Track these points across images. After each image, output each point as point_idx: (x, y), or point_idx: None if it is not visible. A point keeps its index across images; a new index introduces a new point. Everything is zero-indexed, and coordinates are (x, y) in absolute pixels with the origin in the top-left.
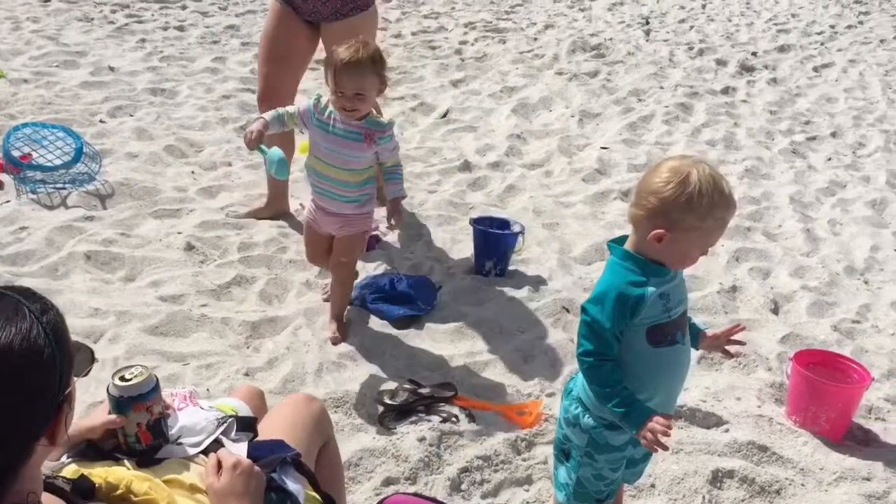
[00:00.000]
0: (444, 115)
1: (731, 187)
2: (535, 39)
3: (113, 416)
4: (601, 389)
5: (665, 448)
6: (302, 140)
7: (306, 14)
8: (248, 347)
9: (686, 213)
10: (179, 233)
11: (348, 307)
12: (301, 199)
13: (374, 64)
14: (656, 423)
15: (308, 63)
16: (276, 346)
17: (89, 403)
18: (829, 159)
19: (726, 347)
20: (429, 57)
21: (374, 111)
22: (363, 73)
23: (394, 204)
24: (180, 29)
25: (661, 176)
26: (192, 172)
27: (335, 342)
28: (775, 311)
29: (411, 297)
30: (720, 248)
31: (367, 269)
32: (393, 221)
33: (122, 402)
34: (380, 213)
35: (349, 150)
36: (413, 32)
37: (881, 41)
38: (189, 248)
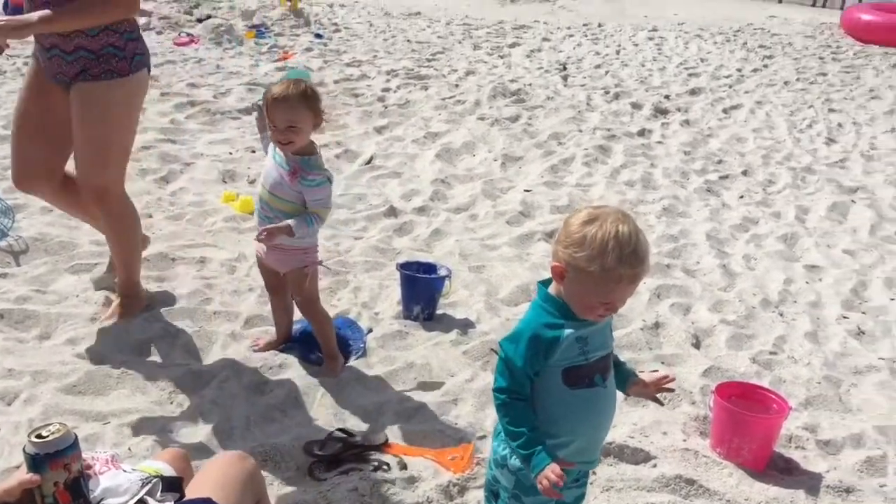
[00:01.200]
0: (369, 162)
1: (644, 250)
2: (457, 86)
3: (29, 476)
4: (509, 428)
5: (558, 496)
6: (243, 196)
7: (51, 75)
8: (171, 403)
9: (579, 249)
10: (100, 290)
11: (281, 353)
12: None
13: (305, 98)
14: (551, 471)
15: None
16: (202, 400)
17: (2, 469)
18: (742, 197)
19: (656, 395)
20: (352, 104)
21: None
22: (294, 107)
23: (281, 225)
24: None
25: (577, 216)
26: None
27: (335, 375)
28: (697, 345)
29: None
30: (642, 285)
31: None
32: (265, 232)
33: (38, 460)
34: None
35: (278, 175)
36: (335, 80)
37: (785, 83)
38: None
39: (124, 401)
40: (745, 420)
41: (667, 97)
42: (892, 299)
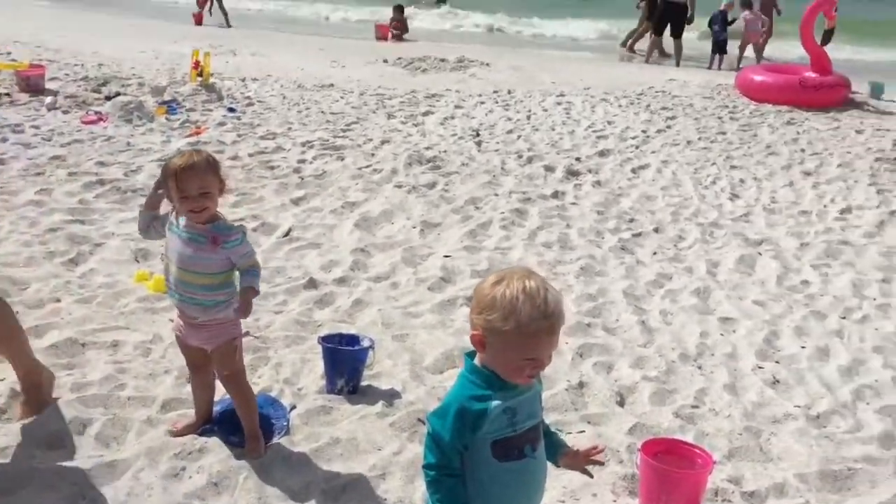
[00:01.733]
0: (287, 234)
1: (555, 300)
2: (373, 155)
3: None
4: None
5: None
6: (157, 275)
7: None
8: (84, 499)
9: (492, 312)
10: (3, 379)
11: (200, 437)
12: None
13: (209, 164)
14: None
15: None
16: (116, 493)
17: None
18: (655, 253)
19: (586, 467)
20: (268, 177)
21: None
22: (201, 173)
23: (245, 294)
24: (0, 162)
25: (485, 281)
26: (17, 312)
27: (258, 456)
28: (621, 403)
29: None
30: (564, 345)
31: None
32: (238, 309)
33: None
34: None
35: (192, 251)
36: (250, 154)
37: (688, 142)
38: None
39: (33, 499)
40: (672, 477)
41: (578, 159)
42: (803, 347)
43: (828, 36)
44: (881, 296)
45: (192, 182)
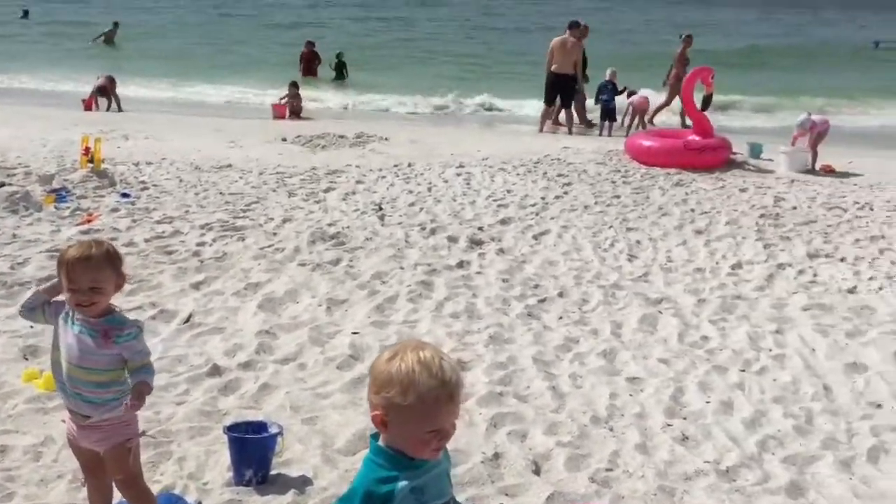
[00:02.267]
0: (188, 320)
1: (451, 367)
2: (275, 234)
3: None
4: None
5: None
6: (47, 373)
7: None
8: None
9: (390, 388)
10: None
11: None
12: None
13: (108, 258)
14: None
15: None
16: None
17: None
18: (561, 318)
19: None
20: (165, 262)
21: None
22: (97, 266)
23: (138, 387)
24: None
25: (379, 360)
26: None
27: None
28: (537, 471)
29: None
30: (478, 416)
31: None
32: (130, 403)
33: None
34: None
35: (84, 346)
36: (146, 239)
37: (585, 207)
38: None
39: None
40: None
41: (480, 229)
42: (708, 402)
43: (707, 101)
44: (776, 346)
45: (84, 275)
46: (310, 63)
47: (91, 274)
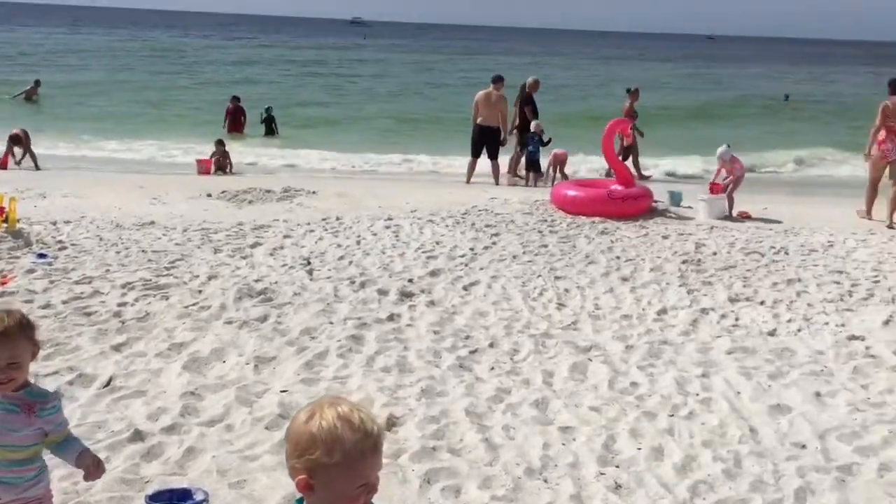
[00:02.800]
0: (108, 384)
1: (369, 417)
2: (200, 292)
3: None
4: None
5: None
6: None
7: None
8: None
9: (314, 449)
10: None
11: None
12: None
13: (22, 329)
14: None
15: None
16: None
17: None
18: (493, 368)
19: None
20: (84, 324)
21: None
22: (14, 340)
23: (84, 455)
24: None
25: (295, 423)
26: None
27: None
28: None
29: None
30: (411, 472)
31: None
32: (92, 473)
33: None
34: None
35: (6, 423)
36: (64, 301)
37: (514, 257)
38: None
39: None
40: None
41: (410, 281)
42: (639, 448)
43: (627, 152)
44: (703, 390)
45: (1, 352)
46: (236, 118)
47: (7, 351)
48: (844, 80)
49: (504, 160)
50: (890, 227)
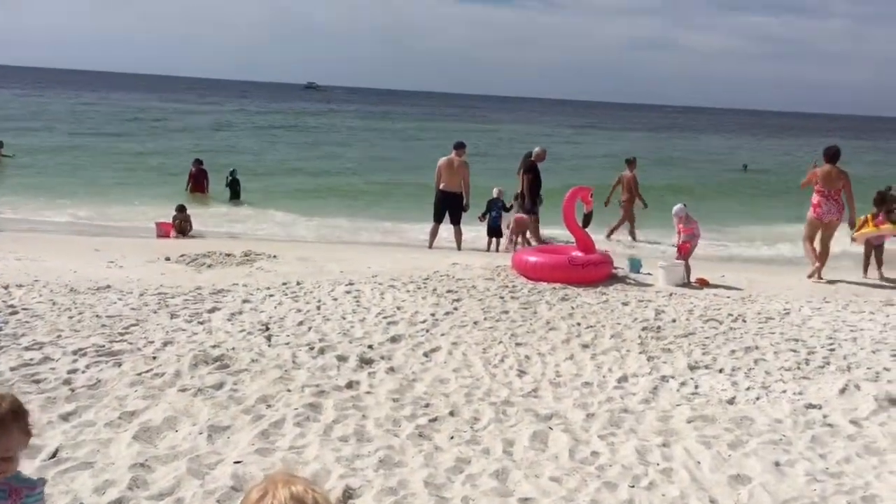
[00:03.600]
0: (54, 455)
1: (324, 500)
2: (154, 358)
3: None
4: None
5: None
6: None
7: None
8: None
9: None
10: None
11: None
12: None
13: (16, 416)
14: None
15: None
16: None
17: None
18: (452, 437)
19: None
20: (32, 392)
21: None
22: (7, 431)
23: None
24: None
25: (248, 499)
26: None
27: None
28: None
29: None
30: None
31: None
32: None
33: None
34: None
35: None
36: (12, 367)
37: (475, 323)
38: None
39: None
40: None
41: (370, 347)
42: None
43: (587, 219)
44: (663, 460)
45: None
46: (198, 181)
47: (3, 441)
48: (797, 151)
49: (465, 228)
50: (818, 279)
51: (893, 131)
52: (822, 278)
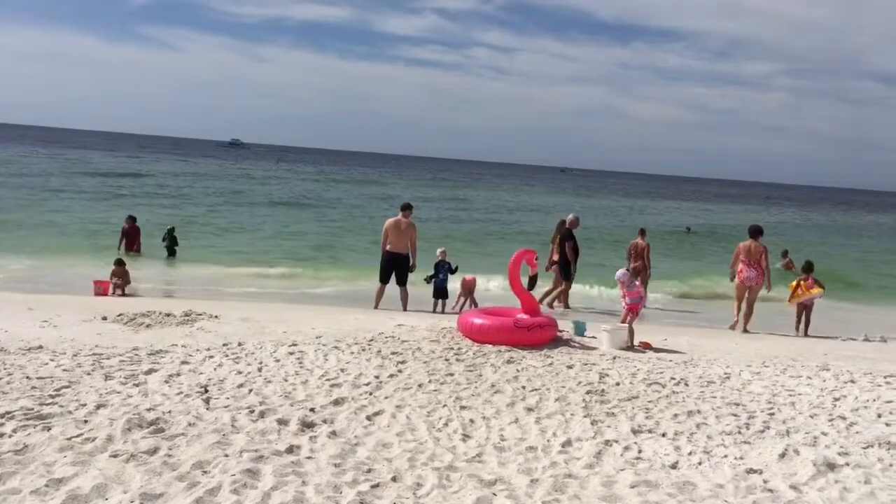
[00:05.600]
0: None
1: None
2: (86, 422)
3: None
4: None
5: None
6: None
7: None
8: None
9: None
10: None
11: None
12: None
13: None
14: None
15: None
16: None
17: None
18: None
19: None
20: None
21: None
22: None
23: None
24: None
25: None
26: None
27: None
28: None
29: None
30: None
31: None
32: None
33: None
34: None
35: None
36: None
37: (419, 385)
38: None
39: None
40: None
41: (312, 410)
42: None
43: (533, 281)
44: None
45: None
46: (132, 238)
47: None
48: (730, 213)
49: (412, 288)
50: (745, 331)
51: (825, 200)
52: (747, 330)
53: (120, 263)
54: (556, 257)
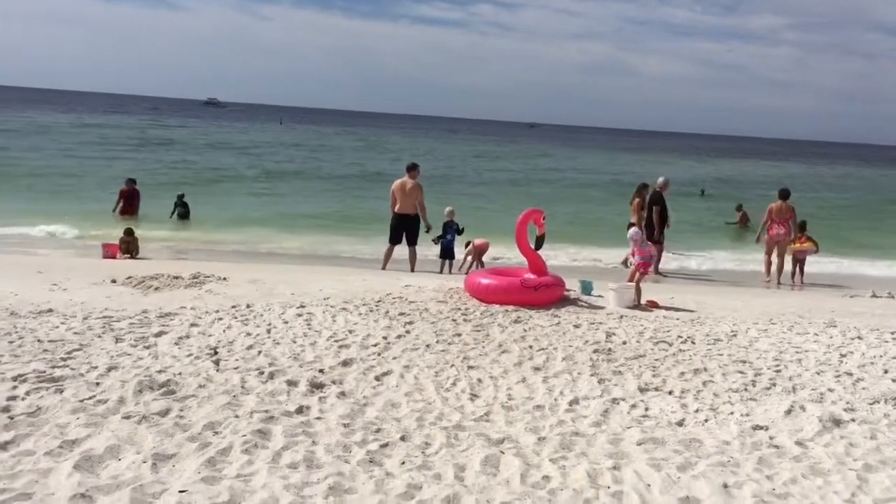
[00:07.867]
0: None
1: None
2: (98, 384)
3: None
4: None
5: None
6: None
7: None
8: None
9: None
10: None
11: None
12: None
13: None
14: None
15: None
16: None
17: None
18: (403, 463)
19: None
20: None
21: None
22: None
23: None
24: None
25: None
26: None
27: None
28: None
29: None
30: None
31: None
32: None
33: None
34: None
35: None
36: None
37: (427, 346)
38: None
39: None
40: None
41: (321, 371)
42: None
43: (540, 241)
44: (614, 483)
45: None
46: (129, 201)
47: None
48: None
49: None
50: (779, 284)
51: (833, 156)
52: (781, 283)
53: (129, 233)
54: (634, 219)
